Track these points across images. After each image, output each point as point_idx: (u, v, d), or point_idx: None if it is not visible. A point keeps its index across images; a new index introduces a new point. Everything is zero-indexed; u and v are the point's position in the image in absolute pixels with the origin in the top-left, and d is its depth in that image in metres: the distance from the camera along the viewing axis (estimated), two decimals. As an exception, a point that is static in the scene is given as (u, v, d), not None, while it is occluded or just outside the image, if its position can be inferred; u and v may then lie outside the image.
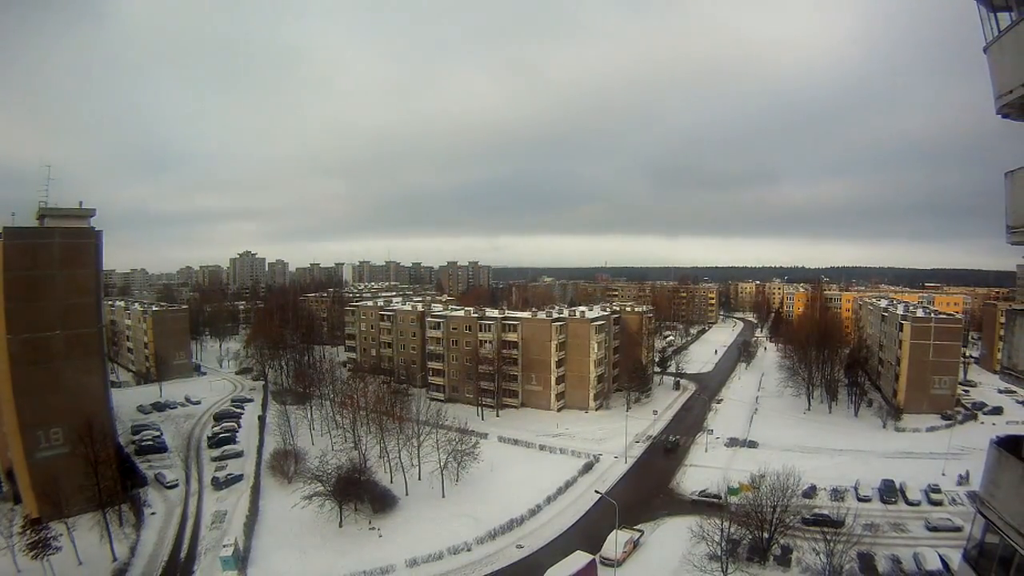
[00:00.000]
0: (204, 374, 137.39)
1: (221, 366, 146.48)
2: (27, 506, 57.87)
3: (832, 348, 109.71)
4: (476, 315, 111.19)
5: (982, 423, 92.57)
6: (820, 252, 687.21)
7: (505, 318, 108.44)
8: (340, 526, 58.04)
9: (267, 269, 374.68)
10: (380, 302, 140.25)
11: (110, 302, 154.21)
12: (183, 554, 54.28)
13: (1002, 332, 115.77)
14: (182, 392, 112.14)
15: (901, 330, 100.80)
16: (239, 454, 78.93)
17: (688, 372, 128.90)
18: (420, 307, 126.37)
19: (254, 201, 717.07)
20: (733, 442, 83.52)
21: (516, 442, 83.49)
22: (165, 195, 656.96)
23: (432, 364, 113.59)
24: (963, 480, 67.65)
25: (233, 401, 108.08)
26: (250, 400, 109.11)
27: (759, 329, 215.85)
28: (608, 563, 49.48)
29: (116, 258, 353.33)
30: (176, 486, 68.87)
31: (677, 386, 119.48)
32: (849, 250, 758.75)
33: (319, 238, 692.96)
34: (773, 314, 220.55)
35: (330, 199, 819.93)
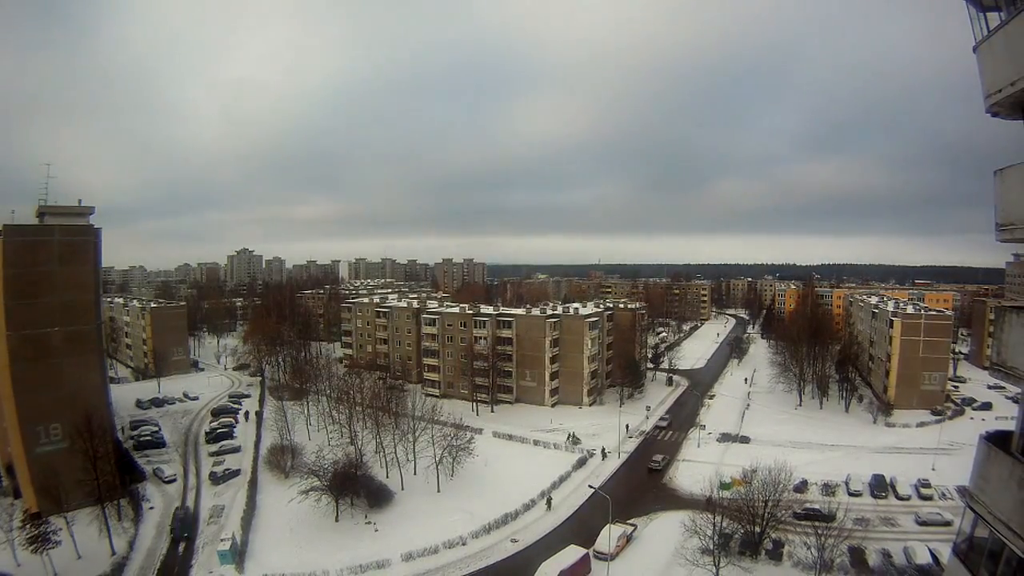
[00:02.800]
0: (202, 370, 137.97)
1: (219, 362, 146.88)
2: (27, 501, 58.39)
3: (823, 344, 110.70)
4: (471, 312, 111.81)
5: (971, 418, 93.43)
6: (811, 249, 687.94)
7: (500, 315, 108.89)
8: (336, 520, 58.58)
9: (264, 266, 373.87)
10: (376, 299, 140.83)
11: (109, 299, 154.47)
12: (181, 548, 54.67)
13: (991, 328, 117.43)
14: (180, 388, 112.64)
15: (891, 326, 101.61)
16: (236, 449, 79.52)
17: (681, 368, 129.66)
18: (415, 304, 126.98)
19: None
20: (725, 437, 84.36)
21: (511, 437, 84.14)
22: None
23: (427, 360, 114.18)
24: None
25: (231, 397, 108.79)
26: (247, 396, 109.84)
27: (751, 326, 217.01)
28: (602, 557, 49.98)
29: (115, 255, 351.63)
30: (174, 481, 69.50)
31: (670, 382, 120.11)
32: (840, 247, 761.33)
33: (316, 237, 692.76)
34: (765, 311, 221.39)
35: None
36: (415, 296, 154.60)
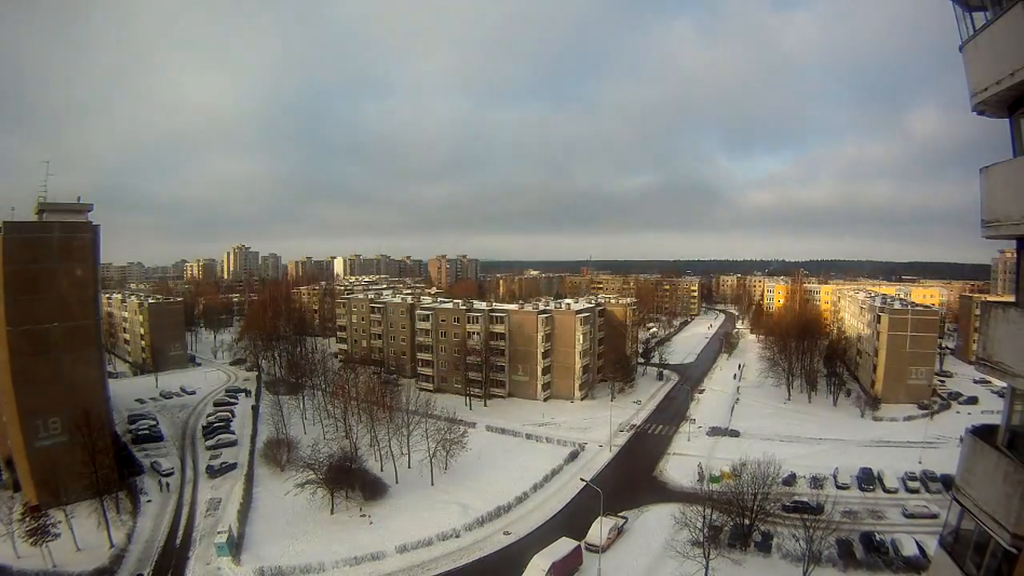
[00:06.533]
0: (199, 365, 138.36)
1: (216, 357, 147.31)
2: (26, 494, 59.02)
3: (811, 339, 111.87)
4: (464, 307, 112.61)
5: (958, 412, 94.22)
6: (800, 246, 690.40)
7: (492, 310, 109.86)
8: (332, 513, 59.31)
9: (260, 262, 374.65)
10: (371, 294, 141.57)
11: (107, 295, 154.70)
12: (178, 540, 55.38)
13: (977, 324, 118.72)
14: (178, 383, 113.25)
15: (879, 322, 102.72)
16: (233, 443, 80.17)
17: (671, 363, 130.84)
18: (410, 299, 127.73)
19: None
20: (715, 431, 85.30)
21: (503, 431, 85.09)
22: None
23: (421, 355, 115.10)
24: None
25: (227, 391, 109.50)
26: (244, 390, 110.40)
27: (740, 321, 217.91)
28: (593, 549, 50.65)
29: (113, 252, 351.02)
30: (172, 474, 70.08)
31: (660, 376, 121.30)
32: (828, 244, 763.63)
33: (314, 235, 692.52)
34: (754, 306, 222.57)
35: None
36: (409, 292, 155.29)
